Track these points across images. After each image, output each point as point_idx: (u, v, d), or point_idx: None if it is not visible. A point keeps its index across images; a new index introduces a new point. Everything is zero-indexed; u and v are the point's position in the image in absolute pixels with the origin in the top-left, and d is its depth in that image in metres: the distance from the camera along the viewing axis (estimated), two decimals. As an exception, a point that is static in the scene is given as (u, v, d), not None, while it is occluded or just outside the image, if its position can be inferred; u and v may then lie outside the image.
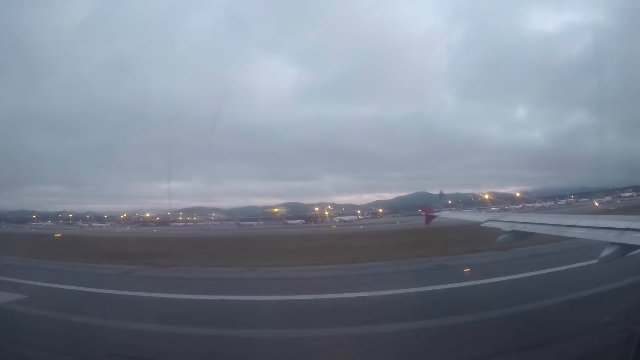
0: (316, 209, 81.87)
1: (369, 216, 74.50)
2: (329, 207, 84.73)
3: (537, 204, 62.26)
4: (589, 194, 66.19)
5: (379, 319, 6.97)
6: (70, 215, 78.53)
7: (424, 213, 13.10)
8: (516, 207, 57.25)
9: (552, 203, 62.81)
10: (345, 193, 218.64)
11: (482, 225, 7.15)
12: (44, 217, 78.19)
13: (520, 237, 5.74)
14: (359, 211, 79.73)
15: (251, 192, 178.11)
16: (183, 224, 72.81)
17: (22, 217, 76.32)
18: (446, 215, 13.08)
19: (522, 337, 5.49)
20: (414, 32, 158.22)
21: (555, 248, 11.88)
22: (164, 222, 73.75)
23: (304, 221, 69.37)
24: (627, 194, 63.24)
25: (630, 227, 3.83)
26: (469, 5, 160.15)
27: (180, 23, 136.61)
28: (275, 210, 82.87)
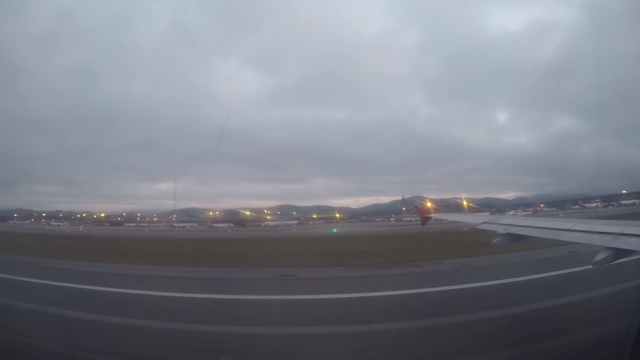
0: (314, 213, 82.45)
1: (320, 221, 75.06)
2: (266, 211, 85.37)
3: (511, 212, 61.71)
4: (558, 203, 67.32)
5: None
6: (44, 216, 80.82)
7: (420, 215, 13.14)
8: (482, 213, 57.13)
9: (518, 211, 62.39)
10: (341, 196, 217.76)
11: (477, 227, 7.16)
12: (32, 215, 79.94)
13: (516, 239, 5.74)
14: (305, 218, 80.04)
15: (248, 194, 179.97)
16: (135, 224, 74.23)
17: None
18: (441, 217, 13.11)
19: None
20: (373, 34, 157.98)
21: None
22: (118, 222, 77.09)
23: (232, 225, 69.91)
24: (593, 205, 64.00)
25: (624, 232, 3.83)
26: (429, 5, 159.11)
27: (132, 32, 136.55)
28: (267, 211, 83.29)
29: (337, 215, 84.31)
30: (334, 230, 44.53)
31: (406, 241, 22.83)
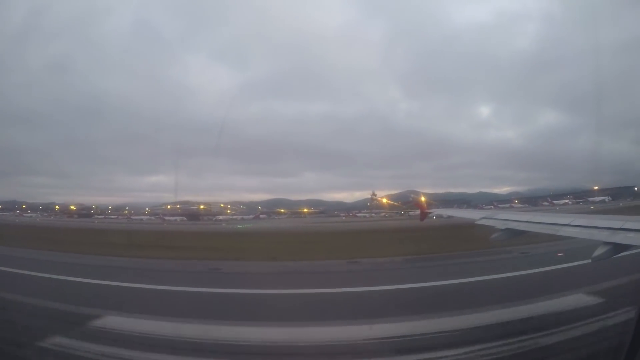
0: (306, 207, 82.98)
1: (275, 216, 77.61)
2: (222, 205, 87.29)
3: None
4: (530, 199, 67.99)
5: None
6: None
7: (418, 210, 13.17)
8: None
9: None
10: (335, 190, 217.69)
11: (476, 222, 7.18)
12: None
13: (514, 235, 5.77)
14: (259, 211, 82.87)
15: (242, 187, 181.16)
16: (103, 217, 76.55)
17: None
18: (440, 213, 13.14)
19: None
20: (338, 27, 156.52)
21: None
22: (88, 214, 79.20)
23: (185, 218, 71.58)
24: (562, 202, 64.38)
25: (623, 226, 3.85)
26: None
27: (100, 29, 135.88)
28: (223, 205, 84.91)
29: (305, 210, 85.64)
30: (239, 226, 46.15)
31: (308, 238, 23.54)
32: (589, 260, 3.90)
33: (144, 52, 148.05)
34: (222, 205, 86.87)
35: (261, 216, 78.27)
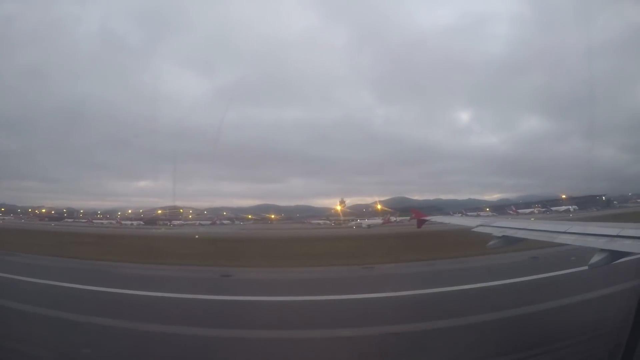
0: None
1: (228, 222, 77.55)
2: (182, 210, 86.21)
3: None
4: (498, 208, 68.62)
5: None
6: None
7: (415, 217, 13.17)
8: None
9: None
10: (325, 196, 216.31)
11: (473, 230, 7.18)
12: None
13: (511, 242, 5.78)
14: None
15: (232, 193, 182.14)
16: (72, 220, 77.35)
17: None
18: (437, 220, 13.14)
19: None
20: (299, 33, 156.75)
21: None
22: (59, 218, 79.17)
23: (142, 223, 73.16)
24: (527, 210, 64.55)
25: (620, 234, 3.87)
26: (353, 2, 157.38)
27: (69, 37, 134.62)
28: (181, 210, 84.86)
29: (272, 216, 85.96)
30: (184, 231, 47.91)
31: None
32: (586, 267, 3.92)
33: (113, 59, 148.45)
34: (181, 210, 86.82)
35: (225, 222, 78.40)
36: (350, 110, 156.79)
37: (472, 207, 74.42)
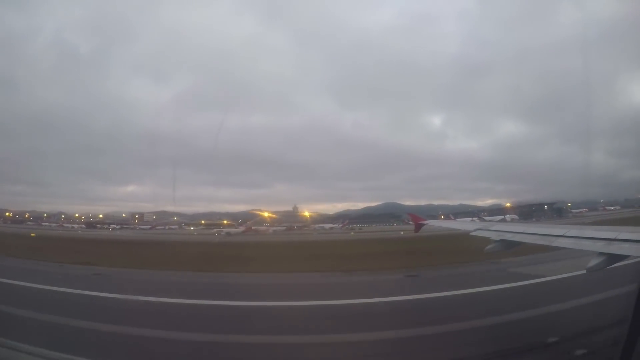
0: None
1: (175, 227, 77.79)
2: (124, 214, 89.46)
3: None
4: (473, 214, 69.26)
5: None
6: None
7: (412, 221, 13.17)
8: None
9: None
10: (314, 202, 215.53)
11: (470, 234, 7.18)
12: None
13: (509, 246, 5.77)
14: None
15: (222, 198, 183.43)
16: (33, 223, 77.88)
17: None
18: (435, 224, 13.15)
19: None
20: (243, 39, 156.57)
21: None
22: (21, 221, 79.11)
23: (84, 226, 74.43)
24: (468, 219, 64.65)
25: (617, 237, 3.87)
26: (290, 6, 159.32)
27: (30, 47, 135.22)
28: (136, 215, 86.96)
29: (225, 222, 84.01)
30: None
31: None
32: (584, 271, 3.91)
33: (73, 69, 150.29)
34: (124, 215, 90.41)
35: (169, 227, 78.22)
36: (313, 115, 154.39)
37: (462, 212, 74.68)
